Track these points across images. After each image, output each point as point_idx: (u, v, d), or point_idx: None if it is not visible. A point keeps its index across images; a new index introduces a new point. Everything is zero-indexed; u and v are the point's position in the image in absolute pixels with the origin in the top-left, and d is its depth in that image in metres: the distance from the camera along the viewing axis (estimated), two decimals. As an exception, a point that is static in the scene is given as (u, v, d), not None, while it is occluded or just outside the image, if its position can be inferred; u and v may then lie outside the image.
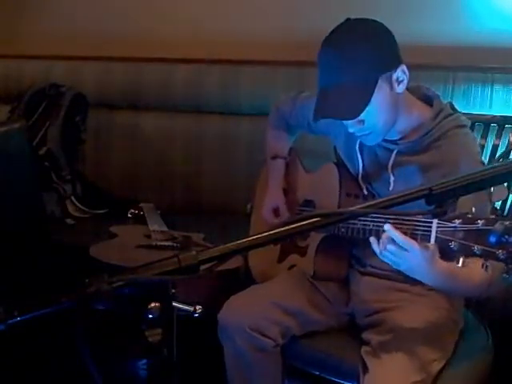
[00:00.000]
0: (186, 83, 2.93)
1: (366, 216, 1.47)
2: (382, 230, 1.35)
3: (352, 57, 1.46)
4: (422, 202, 0.96)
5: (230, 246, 0.88)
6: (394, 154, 1.61)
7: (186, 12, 3.00)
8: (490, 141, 1.99)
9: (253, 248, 0.89)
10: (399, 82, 1.51)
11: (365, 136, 1.57)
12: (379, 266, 1.68)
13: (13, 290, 1.87)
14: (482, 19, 2.47)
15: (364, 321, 1.71)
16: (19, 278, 1.96)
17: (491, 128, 2.00)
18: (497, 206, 1.80)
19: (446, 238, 1.16)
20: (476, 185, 0.96)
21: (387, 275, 1.67)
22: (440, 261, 1.35)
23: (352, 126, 1.54)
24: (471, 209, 1.12)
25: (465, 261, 1.14)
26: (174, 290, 0.90)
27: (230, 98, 2.84)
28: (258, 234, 0.89)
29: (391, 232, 1.29)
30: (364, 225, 1.51)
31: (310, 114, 1.83)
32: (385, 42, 1.51)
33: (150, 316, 0.86)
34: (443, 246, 1.19)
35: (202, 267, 0.86)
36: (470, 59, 2.45)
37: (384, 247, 1.33)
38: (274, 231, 0.90)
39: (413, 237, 1.30)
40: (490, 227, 1.06)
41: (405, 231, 1.30)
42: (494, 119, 2.02)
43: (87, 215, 2.87)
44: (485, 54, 2.43)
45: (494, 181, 0.98)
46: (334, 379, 1.68)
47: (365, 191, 1.70)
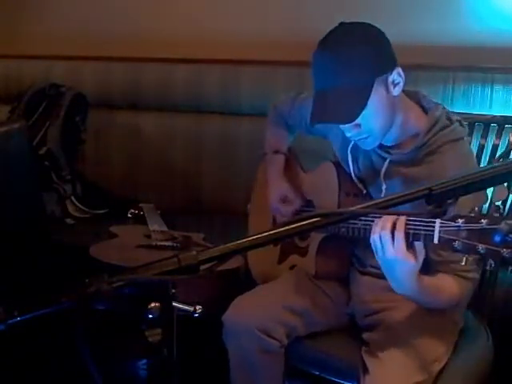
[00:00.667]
0: (186, 83, 2.93)
1: (367, 216, 1.47)
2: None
3: (348, 60, 1.45)
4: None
5: (230, 245, 0.88)
6: (386, 162, 1.60)
7: (186, 12, 3.00)
8: (490, 141, 1.99)
9: (253, 248, 0.89)
10: (395, 85, 1.50)
11: (363, 140, 1.55)
12: (379, 266, 1.68)
13: (13, 289, 1.87)
14: (482, 19, 2.47)
15: (364, 321, 1.71)
16: (19, 277, 1.96)
17: (491, 128, 2.00)
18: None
19: (450, 237, 1.17)
20: (476, 185, 0.96)
21: (387, 275, 1.67)
22: (421, 276, 1.38)
23: (349, 131, 1.53)
24: (473, 208, 1.12)
25: (468, 260, 1.14)
26: (174, 290, 0.90)
27: (230, 97, 2.84)
28: (258, 233, 0.89)
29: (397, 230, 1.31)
30: (365, 224, 1.51)
31: (307, 114, 1.84)
32: (380, 45, 1.50)
33: (150, 316, 0.86)
34: (447, 246, 1.19)
35: (202, 267, 0.86)
36: (470, 59, 2.45)
37: (379, 231, 1.34)
38: (274, 231, 0.90)
39: (416, 237, 1.30)
40: (494, 226, 1.06)
41: (407, 231, 1.31)
42: (493, 119, 2.02)
43: (87, 215, 2.87)
44: (485, 53, 2.43)
45: (493, 181, 0.98)
46: (334, 379, 1.68)
47: (364, 190, 1.70)
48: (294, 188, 1.89)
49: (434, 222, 1.23)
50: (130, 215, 2.58)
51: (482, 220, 1.08)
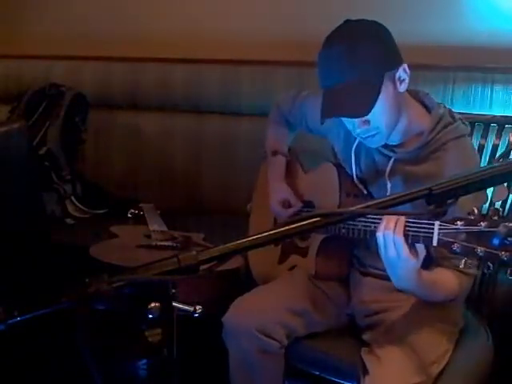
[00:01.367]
0: (186, 83, 2.93)
1: (367, 216, 1.47)
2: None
3: (357, 55, 1.45)
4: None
5: (230, 245, 0.88)
6: (391, 161, 1.61)
7: (185, 12, 3.00)
8: (490, 141, 1.99)
9: (253, 248, 0.89)
10: (401, 81, 1.51)
11: (370, 137, 1.55)
12: (379, 267, 1.68)
13: (13, 289, 1.87)
14: (482, 19, 2.47)
15: (364, 321, 1.71)
16: (19, 277, 1.96)
17: (491, 128, 2.00)
18: (497, 205, 1.80)
19: (449, 239, 1.17)
20: (476, 185, 0.96)
21: (387, 276, 1.67)
22: (422, 272, 1.39)
23: (358, 127, 1.52)
24: (473, 210, 1.12)
25: (467, 262, 1.14)
26: (173, 290, 0.90)
27: (230, 97, 2.84)
28: (258, 233, 0.89)
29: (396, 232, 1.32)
30: (365, 226, 1.51)
31: (308, 112, 1.84)
32: (387, 40, 1.51)
33: (150, 316, 0.86)
34: (446, 248, 1.19)
35: (202, 267, 0.86)
36: (470, 59, 2.45)
37: (380, 231, 1.35)
38: (274, 231, 0.90)
39: (415, 239, 1.30)
40: (493, 229, 1.06)
41: (407, 233, 1.31)
42: (493, 119, 2.02)
43: (87, 215, 2.87)
44: (485, 54, 2.43)
45: (493, 181, 0.98)
46: (334, 379, 1.68)
47: (364, 191, 1.70)
48: (294, 191, 1.89)
49: (433, 225, 1.23)
50: (130, 215, 2.57)
51: (481, 223, 1.08)
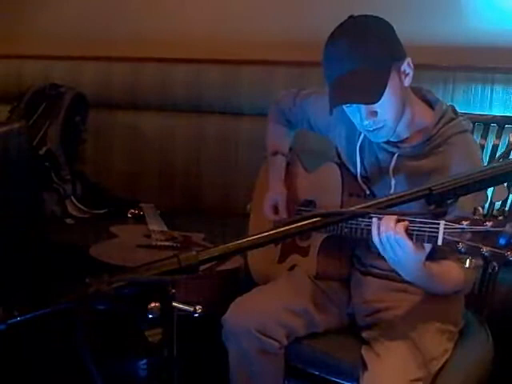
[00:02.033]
0: (186, 83, 2.93)
1: (367, 216, 1.47)
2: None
3: (365, 44, 1.46)
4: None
5: (230, 245, 0.88)
6: (395, 157, 1.61)
7: (185, 12, 3.00)
8: (490, 141, 1.99)
9: (253, 248, 0.89)
10: (406, 75, 1.52)
11: (377, 131, 1.55)
12: (379, 266, 1.68)
13: (13, 289, 1.87)
14: (482, 19, 2.47)
15: (364, 321, 1.71)
16: (19, 277, 1.96)
17: (491, 128, 2.00)
18: (497, 206, 1.80)
19: (454, 239, 1.16)
20: (476, 185, 0.96)
21: (387, 275, 1.67)
22: (427, 263, 1.39)
23: (366, 118, 1.52)
24: (477, 209, 1.12)
25: (472, 262, 1.14)
26: (173, 290, 0.90)
27: (230, 97, 2.84)
28: (258, 233, 0.89)
29: (391, 226, 1.32)
30: (367, 225, 1.51)
31: (310, 110, 1.84)
32: (392, 34, 1.52)
33: (150, 316, 0.86)
34: (451, 247, 1.19)
35: (202, 267, 0.86)
36: (470, 59, 2.45)
37: (381, 233, 1.35)
38: (274, 231, 0.89)
39: (420, 238, 1.30)
40: (499, 229, 1.05)
41: (411, 232, 1.31)
42: (494, 119, 2.02)
43: (87, 215, 2.87)
44: (485, 53, 2.43)
45: (493, 181, 0.98)
46: (334, 379, 1.68)
47: (367, 191, 1.70)
48: (295, 191, 1.89)
49: (439, 224, 1.22)
50: (129, 215, 2.58)
51: (487, 222, 1.08)
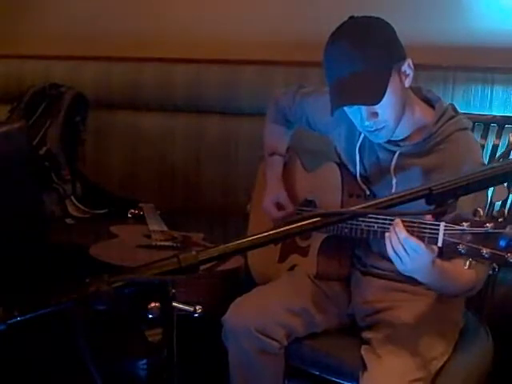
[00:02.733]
0: (186, 83, 2.93)
1: (368, 216, 1.47)
2: (387, 230, 1.35)
3: (365, 45, 1.47)
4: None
5: (230, 245, 0.88)
6: (396, 155, 1.61)
7: (185, 12, 3.00)
8: (490, 141, 1.99)
9: (253, 248, 0.89)
10: (406, 76, 1.52)
11: (377, 131, 1.55)
12: (380, 266, 1.69)
13: (13, 289, 1.87)
14: (482, 19, 2.47)
15: (364, 321, 1.71)
16: (19, 278, 1.96)
17: (491, 128, 2.00)
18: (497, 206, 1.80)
19: (454, 240, 1.16)
20: (476, 185, 0.96)
21: (387, 275, 1.68)
22: (438, 261, 1.36)
23: (367, 119, 1.52)
24: (477, 210, 1.12)
25: (472, 263, 1.14)
26: (173, 290, 0.90)
27: (230, 97, 2.84)
28: (258, 233, 0.89)
29: (401, 234, 1.30)
30: (368, 226, 1.51)
31: (309, 109, 1.83)
32: (392, 35, 1.52)
33: (150, 316, 0.86)
34: (451, 249, 1.18)
35: (202, 267, 0.86)
36: (470, 59, 2.45)
37: (396, 246, 1.33)
38: (274, 231, 0.89)
39: (420, 239, 1.30)
40: (499, 231, 1.05)
41: (411, 233, 1.31)
42: (494, 119, 2.02)
43: (87, 215, 2.87)
44: (485, 54, 2.43)
45: (493, 181, 0.98)
46: (334, 379, 1.68)
47: (367, 191, 1.70)
48: (294, 190, 1.88)
49: (439, 225, 1.22)
50: (130, 215, 2.58)
51: (487, 224, 1.08)
